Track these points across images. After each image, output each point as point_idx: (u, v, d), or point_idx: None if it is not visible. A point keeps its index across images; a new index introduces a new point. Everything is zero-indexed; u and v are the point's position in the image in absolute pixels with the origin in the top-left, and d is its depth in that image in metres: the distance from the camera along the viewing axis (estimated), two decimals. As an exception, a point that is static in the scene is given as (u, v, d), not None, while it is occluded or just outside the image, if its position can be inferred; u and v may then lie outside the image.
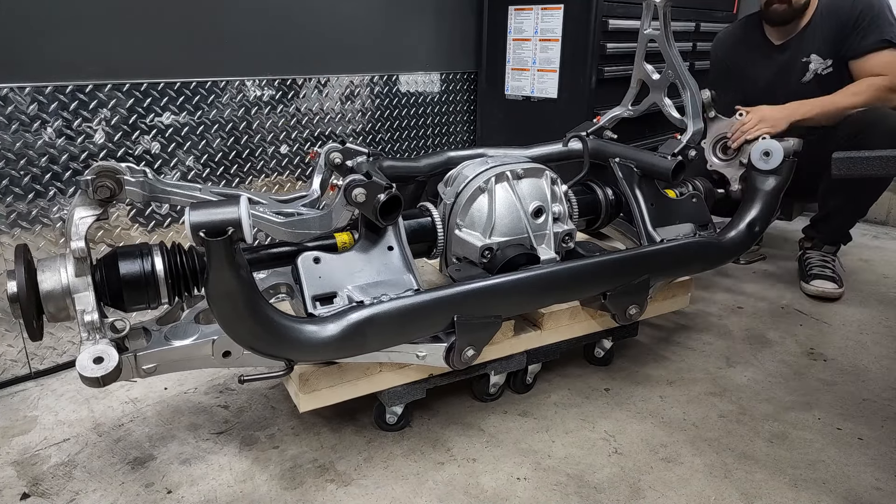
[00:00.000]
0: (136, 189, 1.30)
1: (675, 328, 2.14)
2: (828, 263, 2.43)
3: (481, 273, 1.50)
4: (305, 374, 1.36)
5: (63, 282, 1.20)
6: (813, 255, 2.47)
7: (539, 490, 1.38)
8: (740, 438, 1.56)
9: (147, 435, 1.55)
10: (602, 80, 2.36)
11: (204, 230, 1.02)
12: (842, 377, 1.85)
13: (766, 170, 1.79)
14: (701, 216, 1.92)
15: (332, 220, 1.44)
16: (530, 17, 2.43)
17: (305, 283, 1.34)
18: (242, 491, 1.37)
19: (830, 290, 2.35)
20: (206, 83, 1.98)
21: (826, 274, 2.39)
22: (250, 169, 2.15)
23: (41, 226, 1.73)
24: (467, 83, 2.76)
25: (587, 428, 1.59)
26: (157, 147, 1.92)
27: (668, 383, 1.81)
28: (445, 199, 1.61)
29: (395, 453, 1.49)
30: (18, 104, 1.64)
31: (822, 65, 2.31)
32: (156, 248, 1.29)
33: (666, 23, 1.77)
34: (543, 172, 1.65)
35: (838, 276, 2.41)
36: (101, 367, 1.13)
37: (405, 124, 2.60)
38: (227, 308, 1.11)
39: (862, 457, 1.50)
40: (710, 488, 1.39)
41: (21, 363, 1.77)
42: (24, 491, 1.36)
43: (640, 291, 1.62)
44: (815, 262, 2.45)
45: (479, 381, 1.67)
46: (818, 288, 2.36)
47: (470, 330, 1.38)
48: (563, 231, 1.66)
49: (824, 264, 2.43)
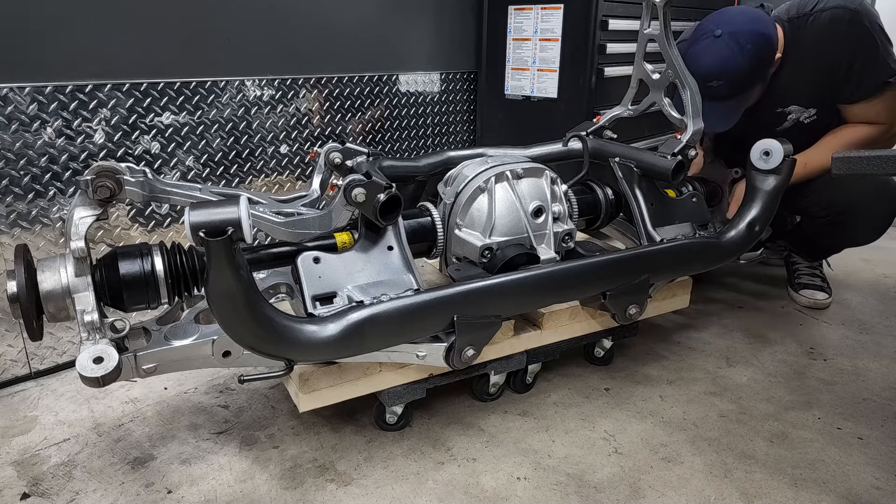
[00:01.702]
0: (136, 189, 1.30)
1: (675, 328, 2.15)
2: (816, 271, 2.41)
3: (481, 273, 1.50)
4: (305, 373, 1.36)
5: (63, 282, 1.20)
6: (800, 262, 2.44)
7: (539, 490, 1.38)
8: (740, 438, 1.56)
9: (147, 435, 1.56)
10: (602, 79, 2.35)
11: (204, 230, 1.02)
12: (842, 377, 1.85)
13: (766, 169, 1.78)
14: (701, 216, 1.92)
15: (331, 220, 1.44)
16: (530, 16, 2.43)
17: (305, 282, 1.34)
18: (242, 491, 1.37)
19: (822, 300, 2.32)
20: (205, 83, 1.98)
21: (816, 283, 2.36)
22: (250, 169, 2.15)
23: (41, 226, 1.73)
24: (467, 83, 2.76)
25: (587, 427, 1.59)
26: (156, 147, 1.92)
27: (668, 383, 1.81)
28: (445, 198, 1.61)
29: (395, 453, 1.49)
30: (18, 104, 1.64)
31: (804, 114, 2.09)
32: (155, 248, 1.29)
33: (666, 22, 1.76)
34: (543, 172, 1.65)
35: (827, 283, 2.39)
36: (101, 367, 1.13)
37: (405, 124, 2.60)
38: (227, 308, 1.11)
39: (862, 456, 1.50)
40: (710, 488, 1.39)
41: (21, 363, 1.77)
42: (24, 491, 1.37)
43: (639, 291, 1.62)
44: (803, 270, 2.41)
45: (479, 380, 1.67)
46: (809, 299, 2.33)
47: (470, 330, 1.38)
48: (563, 231, 1.66)
49: (813, 272, 2.40)
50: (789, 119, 2.11)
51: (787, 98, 2.08)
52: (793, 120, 2.11)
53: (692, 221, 1.88)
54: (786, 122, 2.13)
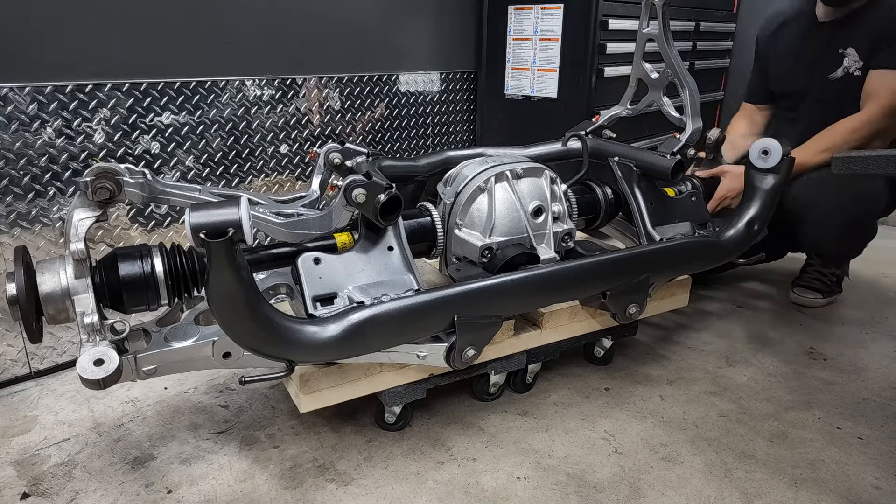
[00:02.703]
0: (136, 190, 1.30)
1: (674, 327, 2.15)
2: (825, 272, 2.32)
3: (481, 273, 1.50)
4: (306, 374, 1.37)
5: (62, 283, 1.20)
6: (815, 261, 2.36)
7: (539, 489, 1.38)
8: (740, 438, 1.56)
9: (147, 434, 1.56)
10: (602, 79, 2.35)
11: (204, 231, 1.02)
12: (842, 377, 1.85)
13: (765, 168, 1.78)
14: (700, 215, 1.92)
15: (331, 221, 1.44)
16: (530, 16, 2.42)
17: (305, 283, 1.34)
18: (242, 490, 1.37)
19: (809, 299, 2.29)
20: (205, 83, 1.98)
21: (813, 285, 2.31)
22: (250, 169, 2.15)
23: (41, 225, 1.73)
24: (467, 83, 2.76)
25: (587, 427, 1.60)
26: (156, 147, 1.92)
27: (668, 383, 1.81)
28: (445, 198, 1.61)
29: (395, 453, 1.50)
30: (18, 104, 1.64)
31: (855, 63, 2.02)
32: (155, 250, 1.29)
33: (664, 22, 1.76)
34: (543, 172, 1.65)
35: (832, 286, 2.32)
36: (102, 370, 1.13)
37: (405, 124, 2.60)
38: (228, 309, 1.11)
39: (862, 456, 1.50)
40: (709, 487, 1.39)
41: (21, 363, 1.77)
42: (24, 490, 1.37)
43: (639, 290, 1.62)
44: (810, 269, 2.36)
45: (479, 380, 1.67)
46: (798, 296, 2.31)
47: (470, 330, 1.38)
48: (563, 230, 1.66)
49: (820, 272, 2.33)
50: (843, 65, 2.06)
51: (850, 38, 2.04)
52: (844, 70, 2.06)
53: (691, 220, 1.88)
54: (838, 71, 2.08)
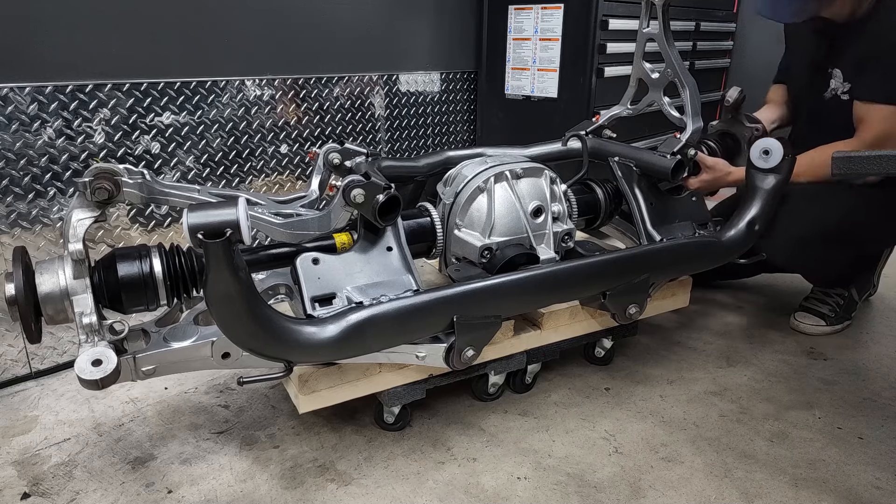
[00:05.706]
0: (135, 190, 1.30)
1: (675, 327, 2.14)
2: (829, 297, 2.12)
3: (481, 273, 1.50)
4: (305, 375, 1.37)
5: (61, 284, 1.20)
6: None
7: (539, 489, 1.38)
8: (740, 438, 1.56)
9: (147, 435, 1.56)
10: (602, 79, 2.35)
11: (202, 232, 1.02)
12: (842, 377, 1.85)
13: (766, 168, 1.78)
14: (700, 215, 1.92)
15: (330, 221, 1.44)
16: (530, 16, 2.42)
17: (304, 284, 1.34)
18: (243, 490, 1.37)
19: (809, 326, 2.10)
20: (206, 83, 1.98)
21: (816, 308, 2.11)
22: (250, 169, 2.15)
23: (41, 226, 1.73)
24: (467, 83, 2.76)
25: (587, 427, 1.59)
26: (156, 147, 1.92)
27: (669, 382, 1.80)
28: (444, 199, 1.61)
29: (395, 453, 1.50)
30: (18, 104, 1.64)
31: (841, 86, 1.88)
32: (154, 250, 1.29)
33: (665, 22, 1.76)
34: (542, 172, 1.65)
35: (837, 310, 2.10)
36: (100, 370, 1.13)
37: (405, 124, 2.60)
38: (226, 310, 1.11)
39: (862, 456, 1.50)
40: (710, 487, 1.39)
41: (21, 363, 1.77)
42: (24, 490, 1.37)
43: (639, 291, 1.62)
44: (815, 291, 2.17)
45: (478, 380, 1.67)
46: (798, 322, 2.12)
47: (470, 330, 1.38)
48: (563, 230, 1.66)
49: (823, 297, 2.13)
50: (832, 86, 1.91)
51: (837, 58, 1.89)
52: (832, 92, 1.91)
53: (692, 220, 1.88)
54: (828, 91, 1.93)
